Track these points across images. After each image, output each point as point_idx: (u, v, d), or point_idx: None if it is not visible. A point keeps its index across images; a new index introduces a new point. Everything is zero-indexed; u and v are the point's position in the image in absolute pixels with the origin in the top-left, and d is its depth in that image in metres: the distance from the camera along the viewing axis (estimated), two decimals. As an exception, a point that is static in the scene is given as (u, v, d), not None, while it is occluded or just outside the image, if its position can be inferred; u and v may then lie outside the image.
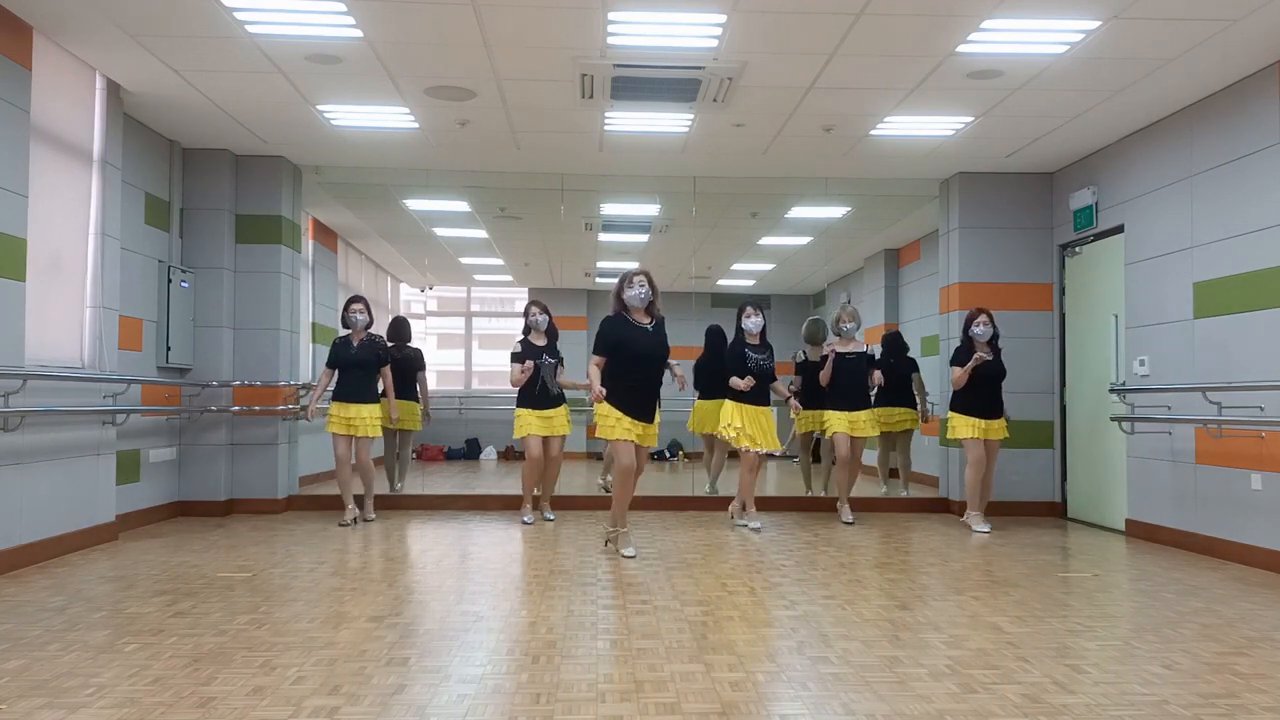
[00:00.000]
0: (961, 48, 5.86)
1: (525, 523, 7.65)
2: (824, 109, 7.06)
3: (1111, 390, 7.52)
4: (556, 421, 7.67)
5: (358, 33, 5.71)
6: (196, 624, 4.27)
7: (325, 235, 11.51)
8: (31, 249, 5.76)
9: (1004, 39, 5.73)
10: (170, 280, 7.80)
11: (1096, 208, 8.03)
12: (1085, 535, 7.45)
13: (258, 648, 3.88)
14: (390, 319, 9.56)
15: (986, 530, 7.48)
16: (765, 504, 8.93)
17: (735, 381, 7.35)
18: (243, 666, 3.62)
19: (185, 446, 8.22)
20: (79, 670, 3.57)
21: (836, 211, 10.65)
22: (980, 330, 7.55)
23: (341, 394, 7.56)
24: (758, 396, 7.49)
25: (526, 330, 7.75)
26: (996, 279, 8.80)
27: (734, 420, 7.45)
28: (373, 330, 7.80)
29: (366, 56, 6.09)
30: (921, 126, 7.48)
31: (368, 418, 7.55)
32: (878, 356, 8.53)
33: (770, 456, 7.94)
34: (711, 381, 8.68)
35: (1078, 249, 8.45)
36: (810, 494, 9.30)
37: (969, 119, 7.28)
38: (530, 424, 7.56)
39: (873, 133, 7.65)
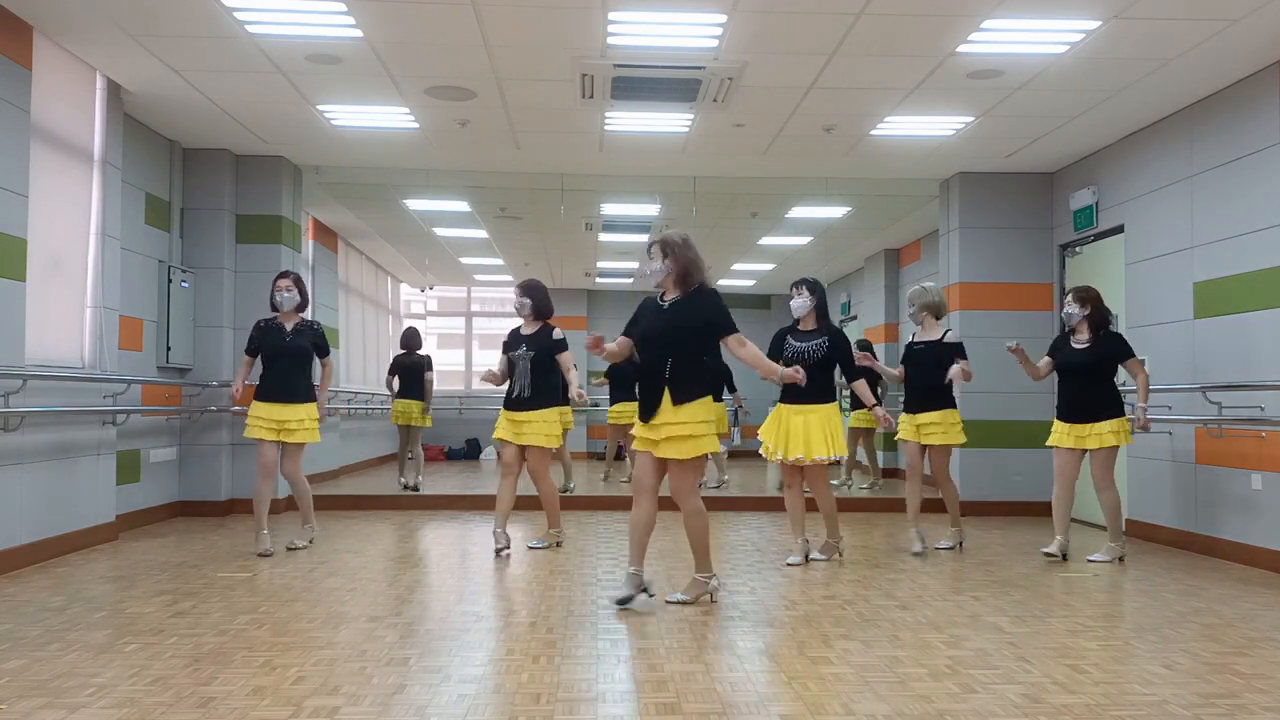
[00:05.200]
0: (961, 48, 5.86)
1: (496, 551, 6.18)
2: (824, 109, 7.06)
3: (1112, 390, 7.51)
4: (529, 428, 6.12)
5: (358, 33, 5.71)
6: (197, 624, 4.27)
7: (325, 235, 11.51)
8: (32, 249, 5.76)
9: (1004, 39, 5.73)
10: (170, 280, 7.80)
11: (1096, 208, 8.03)
12: (1085, 535, 7.44)
13: (258, 648, 3.88)
14: (403, 329, 10.18)
15: (1055, 554, 6.17)
16: (767, 504, 8.94)
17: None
18: (243, 666, 3.62)
19: (185, 446, 8.22)
20: (79, 670, 3.56)
21: (836, 211, 10.65)
22: (1071, 311, 6.15)
23: (268, 391, 6.06)
24: (808, 393, 5.77)
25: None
26: (996, 279, 8.80)
27: (770, 426, 5.95)
28: (305, 314, 6.33)
29: (366, 56, 6.09)
30: (921, 126, 7.48)
31: (304, 419, 6.09)
32: (901, 358, 6.72)
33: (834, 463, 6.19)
34: None
35: (1078, 249, 8.44)
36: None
37: (969, 119, 7.28)
38: (499, 426, 6.24)
39: (873, 133, 7.65)
